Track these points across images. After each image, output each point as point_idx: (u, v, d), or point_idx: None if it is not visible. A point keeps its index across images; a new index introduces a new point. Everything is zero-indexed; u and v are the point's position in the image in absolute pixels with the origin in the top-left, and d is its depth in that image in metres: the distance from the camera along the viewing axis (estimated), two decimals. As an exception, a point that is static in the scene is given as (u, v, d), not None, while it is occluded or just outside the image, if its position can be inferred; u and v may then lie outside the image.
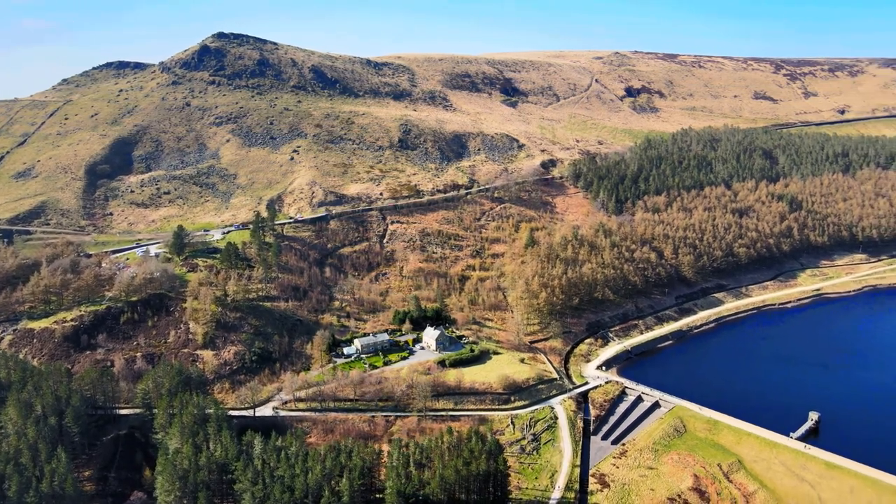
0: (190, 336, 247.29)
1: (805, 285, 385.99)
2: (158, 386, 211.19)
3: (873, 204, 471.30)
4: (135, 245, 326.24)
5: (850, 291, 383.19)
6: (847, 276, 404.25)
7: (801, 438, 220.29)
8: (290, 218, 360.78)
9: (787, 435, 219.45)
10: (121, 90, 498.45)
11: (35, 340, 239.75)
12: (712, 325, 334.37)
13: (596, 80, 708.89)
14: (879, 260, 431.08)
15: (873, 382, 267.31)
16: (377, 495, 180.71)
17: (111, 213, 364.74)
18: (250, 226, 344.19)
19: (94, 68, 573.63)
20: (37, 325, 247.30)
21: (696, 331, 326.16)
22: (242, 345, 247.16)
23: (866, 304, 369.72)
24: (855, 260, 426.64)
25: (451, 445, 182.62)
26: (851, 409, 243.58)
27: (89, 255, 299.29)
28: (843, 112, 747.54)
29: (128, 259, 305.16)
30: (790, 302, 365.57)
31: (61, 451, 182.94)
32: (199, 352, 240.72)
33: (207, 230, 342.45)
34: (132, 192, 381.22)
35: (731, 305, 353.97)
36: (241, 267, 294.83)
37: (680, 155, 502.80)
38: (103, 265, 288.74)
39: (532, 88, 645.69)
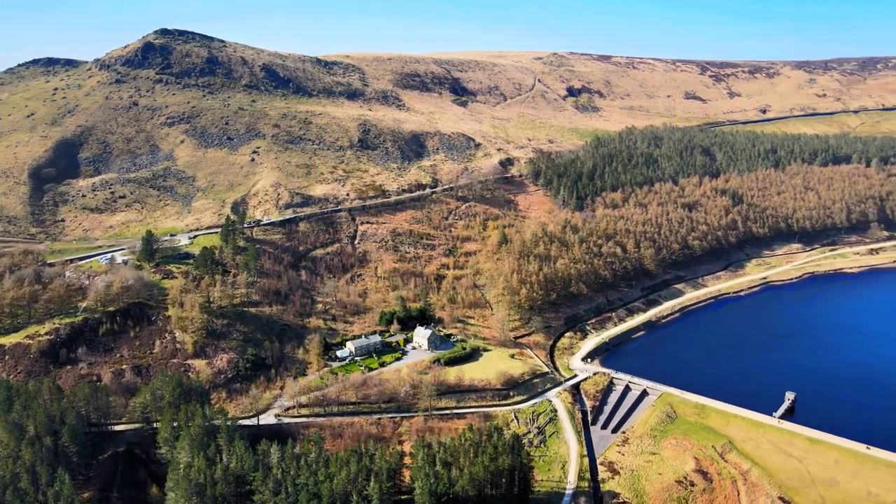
0: (178, 346, 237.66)
1: (753, 274, 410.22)
2: (157, 399, 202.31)
3: (804, 197, 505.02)
4: (96, 252, 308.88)
5: (792, 279, 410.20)
6: (787, 264, 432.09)
7: (783, 418, 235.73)
8: (258, 221, 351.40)
9: (771, 415, 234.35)
10: (56, 88, 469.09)
11: (7, 357, 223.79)
12: (677, 314, 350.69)
13: (539, 80, 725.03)
14: (813, 249, 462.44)
15: (832, 362, 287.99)
16: (403, 496, 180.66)
17: (63, 220, 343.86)
18: (217, 229, 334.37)
19: (19, 65, 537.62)
20: (7, 340, 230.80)
21: (663, 320, 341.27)
22: (234, 352, 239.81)
23: (807, 289, 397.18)
24: (792, 249, 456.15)
25: (473, 443, 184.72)
26: (820, 388, 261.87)
27: (52, 265, 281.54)
28: (764, 111, 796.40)
29: (91, 267, 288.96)
30: (742, 290, 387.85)
31: (63, 472, 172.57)
32: (190, 361, 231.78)
33: (174, 235, 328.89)
34: (84, 196, 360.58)
35: (691, 295, 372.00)
36: (218, 272, 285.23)
37: (628, 153, 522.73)
38: (68, 274, 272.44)
39: (480, 88, 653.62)
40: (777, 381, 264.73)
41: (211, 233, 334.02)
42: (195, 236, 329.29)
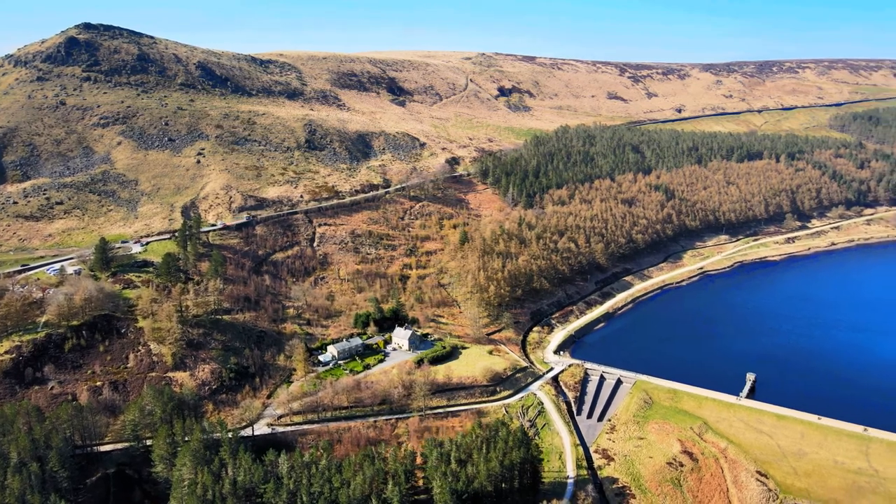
0: (154, 358, 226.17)
1: (690, 265, 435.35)
2: (145, 415, 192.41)
3: (727, 191, 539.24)
4: (40, 263, 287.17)
5: (725, 268, 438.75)
6: (719, 254, 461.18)
7: (747, 397, 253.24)
8: (212, 225, 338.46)
9: (737, 395, 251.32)
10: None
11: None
12: (630, 305, 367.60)
13: (471, 80, 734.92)
14: (738, 239, 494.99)
15: (778, 344, 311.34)
16: (419, 497, 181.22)
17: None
18: (170, 235, 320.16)
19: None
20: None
21: (619, 312, 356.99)
22: (215, 362, 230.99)
23: (739, 277, 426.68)
24: (721, 240, 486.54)
25: (484, 439, 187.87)
26: (772, 367, 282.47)
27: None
28: (680, 111, 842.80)
29: (39, 279, 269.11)
30: (684, 280, 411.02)
31: (58, 499, 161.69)
32: (170, 374, 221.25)
33: (125, 242, 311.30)
34: (15, 203, 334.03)
35: (640, 287, 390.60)
36: (181, 280, 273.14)
37: (566, 151, 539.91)
38: (17, 288, 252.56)
39: (416, 88, 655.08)
40: (733, 363, 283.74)
41: (164, 239, 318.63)
42: (147, 243, 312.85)
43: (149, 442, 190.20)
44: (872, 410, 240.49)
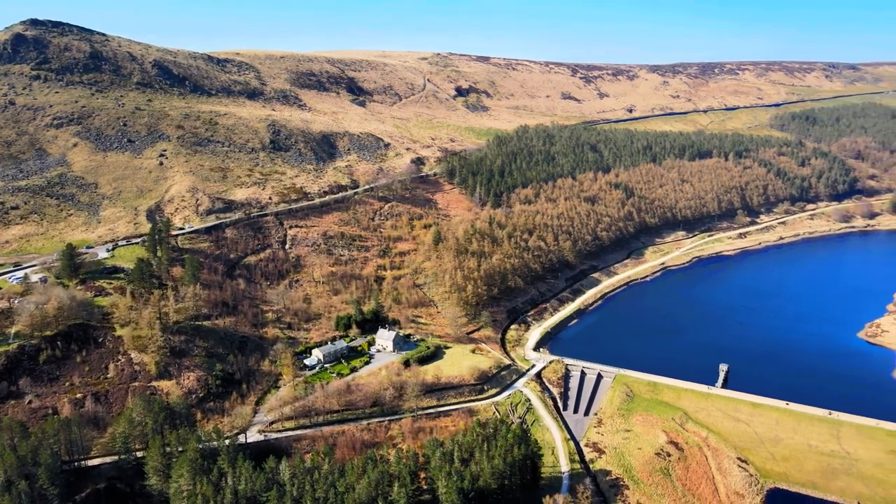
0: (136, 367, 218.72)
1: (652, 261, 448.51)
2: (137, 426, 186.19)
3: (681, 189, 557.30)
4: (1, 272, 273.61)
5: (684, 263, 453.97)
6: (677, 250, 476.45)
7: (722, 387, 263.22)
8: (180, 228, 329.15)
9: (713, 386, 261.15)
10: None
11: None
12: (599, 301, 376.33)
13: (428, 81, 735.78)
14: (694, 235, 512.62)
15: (745, 336, 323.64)
16: (422, 497, 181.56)
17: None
18: (137, 239, 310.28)
19: None
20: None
21: (590, 308, 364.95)
22: (200, 370, 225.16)
23: (698, 271, 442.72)
24: (679, 237, 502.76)
25: (485, 437, 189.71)
26: (742, 358, 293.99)
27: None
28: (631, 111, 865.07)
29: (1, 288, 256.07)
30: (647, 276, 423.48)
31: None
32: (155, 383, 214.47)
33: (90, 247, 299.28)
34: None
35: (607, 283, 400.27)
36: (155, 286, 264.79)
37: (528, 150, 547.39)
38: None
39: (375, 88, 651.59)
40: (702, 355, 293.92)
41: (131, 243, 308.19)
42: (114, 248, 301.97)
43: (140, 454, 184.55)
44: (833, 395, 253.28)
